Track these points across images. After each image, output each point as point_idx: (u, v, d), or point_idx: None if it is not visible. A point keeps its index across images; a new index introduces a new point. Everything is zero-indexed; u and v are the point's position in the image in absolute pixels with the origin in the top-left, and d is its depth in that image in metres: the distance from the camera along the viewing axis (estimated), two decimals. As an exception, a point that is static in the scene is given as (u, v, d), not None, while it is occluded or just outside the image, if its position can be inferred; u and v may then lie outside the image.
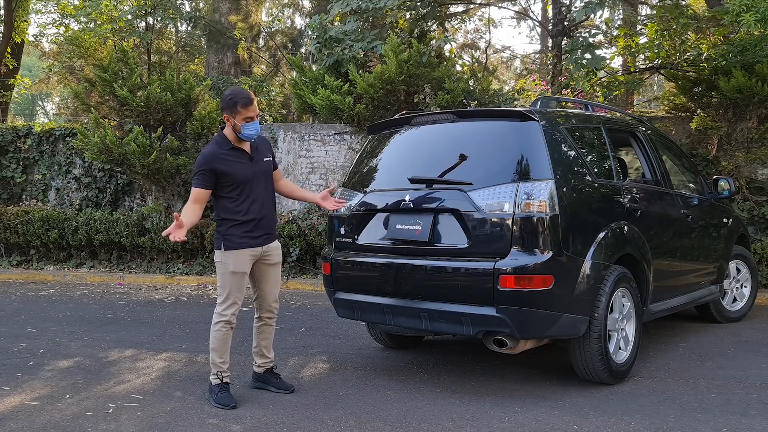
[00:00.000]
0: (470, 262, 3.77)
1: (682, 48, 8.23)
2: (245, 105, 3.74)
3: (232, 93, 3.80)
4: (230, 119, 3.77)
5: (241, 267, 3.84)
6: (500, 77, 17.97)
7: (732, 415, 3.57)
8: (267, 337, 4.12)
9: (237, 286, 3.85)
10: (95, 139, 8.58)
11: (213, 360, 3.89)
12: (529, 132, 3.91)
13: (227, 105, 3.77)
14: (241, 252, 3.84)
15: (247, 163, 3.86)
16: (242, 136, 3.80)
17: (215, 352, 3.88)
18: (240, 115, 3.74)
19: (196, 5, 15.08)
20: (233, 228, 3.83)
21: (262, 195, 3.90)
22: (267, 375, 4.16)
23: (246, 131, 3.78)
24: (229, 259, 3.83)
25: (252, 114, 3.76)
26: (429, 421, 3.54)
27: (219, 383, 3.87)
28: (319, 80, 9.05)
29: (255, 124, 3.80)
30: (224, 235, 3.85)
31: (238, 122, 3.75)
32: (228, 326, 3.86)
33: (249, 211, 3.84)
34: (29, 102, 29.86)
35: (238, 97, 3.76)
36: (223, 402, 3.79)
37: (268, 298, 4.05)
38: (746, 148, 7.53)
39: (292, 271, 8.76)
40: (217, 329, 3.86)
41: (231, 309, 3.85)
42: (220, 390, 3.85)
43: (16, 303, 7.36)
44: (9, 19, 13.43)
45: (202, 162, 3.79)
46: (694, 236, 5.16)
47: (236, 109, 3.73)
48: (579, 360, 3.99)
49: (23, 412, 3.73)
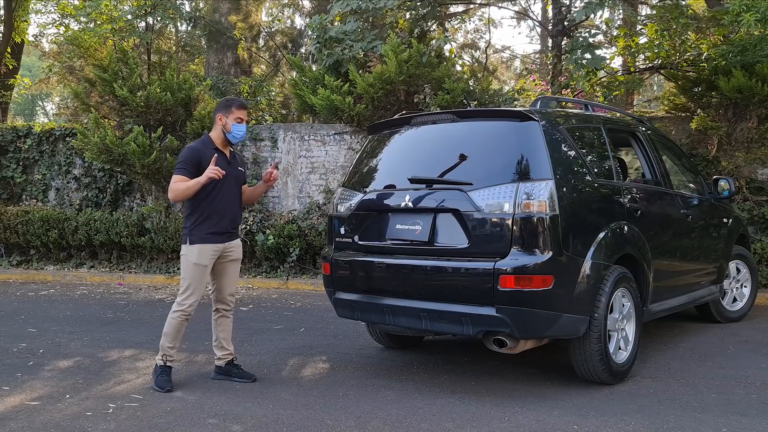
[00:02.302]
0: (470, 262, 3.77)
1: (682, 48, 8.23)
2: (239, 107, 4.15)
3: (229, 97, 4.28)
4: (222, 118, 4.11)
5: (203, 260, 4.09)
6: (500, 77, 17.96)
7: (732, 415, 3.57)
8: (225, 330, 4.35)
9: (198, 279, 4.09)
10: (95, 139, 8.58)
11: (163, 344, 4.14)
12: (529, 132, 3.91)
13: (223, 106, 4.16)
14: (205, 247, 4.08)
15: (224, 165, 4.13)
16: (230, 136, 4.13)
17: (167, 337, 4.14)
18: (233, 115, 4.11)
19: (196, 5, 15.08)
20: (200, 224, 4.09)
21: (230, 196, 4.19)
22: (228, 367, 4.36)
23: (236, 131, 4.13)
24: (194, 252, 4.07)
25: (243, 116, 4.14)
26: (429, 421, 3.54)
27: (163, 365, 4.15)
28: (319, 80, 9.05)
29: (243, 127, 4.17)
30: (190, 230, 4.10)
31: (230, 121, 4.10)
32: (184, 316, 4.12)
33: (217, 209, 4.11)
34: (29, 102, 29.85)
35: (234, 100, 4.20)
36: (161, 384, 4.08)
37: (224, 291, 4.30)
38: (746, 148, 7.53)
39: (292, 271, 8.76)
40: (174, 317, 4.12)
41: (190, 300, 4.10)
42: (162, 372, 4.13)
43: (16, 303, 7.36)
44: (9, 19, 13.43)
45: (188, 154, 4.07)
46: (694, 236, 5.16)
47: (231, 110, 4.12)
48: (579, 360, 3.99)
49: (23, 412, 3.73)
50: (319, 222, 8.78)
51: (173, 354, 4.18)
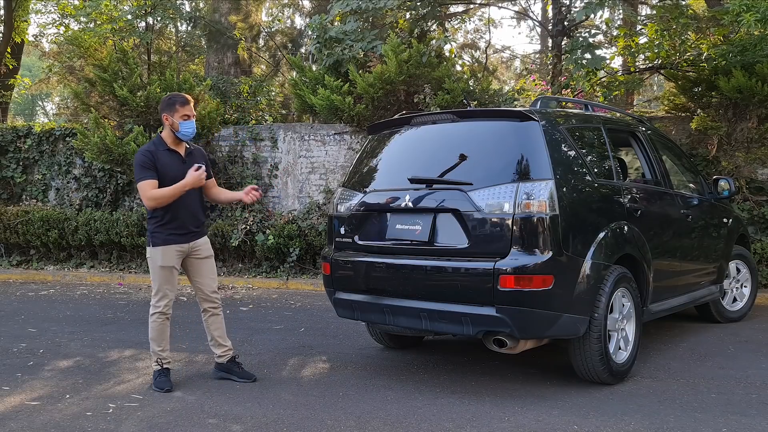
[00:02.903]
0: (470, 262, 3.77)
1: (682, 48, 8.23)
2: (183, 103, 4.10)
3: (171, 94, 4.18)
4: (168, 118, 4.09)
5: (168, 262, 4.10)
6: (500, 77, 17.96)
7: (732, 415, 3.57)
8: (218, 327, 4.35)
9: (166, 280, 4.11)
10: (95, 139, 8.58)
11: (153, 349, 4.18)
12: (529, 132, 3.91)
13: (166, 105, 4.12)
14: (168, 248, 4.10)
15: (179, 165, 4.13)
16: (180, 134, 4.11)
17: (154, 342, 4.16)
18: (178, 113, 4.08)
19: (196, 5, 15.07)
20: (161, 226, 4.09)
21: (190, 195, 4.14)
22: (229, 365, 4.35)
23: (184, 129, 4.09)
24: (157, 254, 4.09)
25: (189, 113, 4.10)
26: (429, 421, 3.54)
27: (159, 369, 4.17)
28: (319, 80, 9.05)
29: (191, 123, 4.13)
30: (152, 232, 4.12)
31: (176, 120, 4.07)
32: (163, 317, 4.14)
33: (176, 210, 4.08)
34: (29, 102, 29.85)
35: (176, 96, 4.15)
36: (160, 385, 4.10)
37: (205, 289, 4.29)
38: (746, 148, 7.53)
39: (292, 271, 8.76)
40: (153, 320, 4.14)
41: (163, 301, 4.12)
42: (160, 375, 4.15)
43: (16, 303, 7.36)
44: (9, 19, 13.43)
45: (144, 158, 4.03)
46: (694, 236, 5.16)
47: (175, 108, 4.08)
48: (579, 360, 3.99)
49: (23, 412, 3.73)
50: (319, 222, 8.78)
51: (165, 355, 4.19)
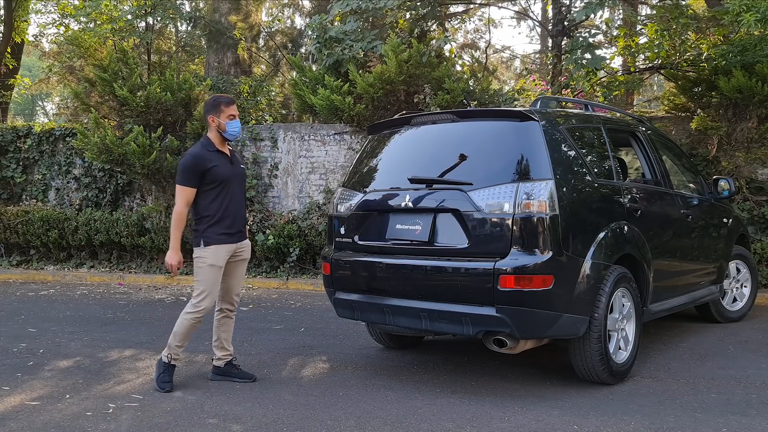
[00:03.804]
0: (470, 262, 3.77)
1: (682, 48, 8.23)
2: (228, 104, 4.13)
3: (215, 96, 4.20)
4: (215, 119, 4.12)
5: (219, 261, 4.10)
6: (500, 77, 17.96)
7: (732, 415, 3.57)
8: (228, 330, 4.35)
9: (213, 280, 4.10)
10: (95, 139, 8.58)
11: (172, 342, 4.12)
12: (529, 132, 3.91)
13: (211, 106, 4.15)
14: (220, 247, 4.09)
15: (228, 166, 4.17)
16: (227, 134, 4.14)
17: (177, 337, 4.11)
18: (224, 114, 4.11)
19: (196, 5, 15.08)
20: (213, 226, 4.09)
21: (237, 195, 4.21)
22: (228, 367, 4.36)
23: (231, 129, 4.12)
24: (209, 254, 4.07)
25: (234, 112, 4.14)
26: (429, 421, 3.54)
27: (167, 363, 4.14)
28: (319, 80, 9.05)
29: (237, 123, 4.17)
30: (203, 232, 4.10)
31: (222, 120, 4.10)
32: (198, 319, 4.10)
33: (227, 209, 4.13)
34: (29, 102, 29.85)
35: (221, 98, 4.18)
36: (161, 385, 4.09)
37: (232, 291, 4.31)
38: (746, 148, 7.53)
39: (292, 271, 8.76)
40: (187, 319, 4.09)
41: (206, 302, 4.08)
42: (165, 371, 4.12)
43: (16, 303, 7.36)
44: (9, 19, 13.44)
45: (191, 162, 4.06)
46: (694, 236, 5.16)
47: (220, 108, 4.11)
48: (579, 360, 3.99)
49: (23, 412, 3.73)
50: (319, 222, 8.78)
51: (180, 354, 4.19)
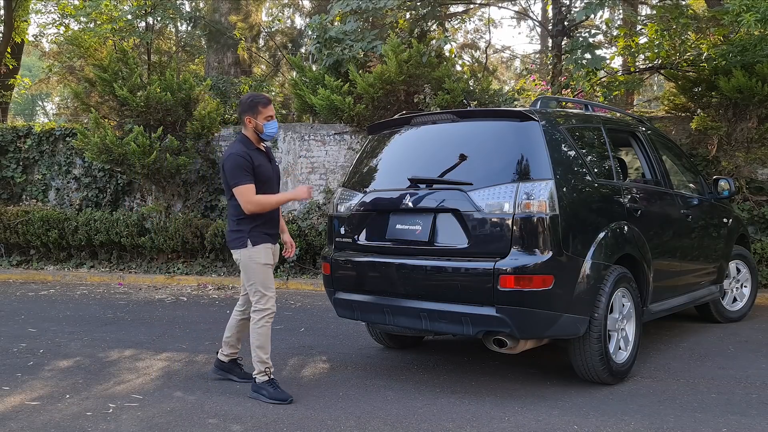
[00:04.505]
0: (470, 262, 3.77)
1: (682, 48, 8.23)
2: (265, 104, 4.01)
3: (252, 95, 4.05)
4: (252, 120, 3.99)
5: (269, 259, 4.01)
6: (500, 77, 17.96)
7: (732, 415, 3.57)
8: (243, 330, 4.27)
9: (269, 278, 3.98)
10: (95, 139, 8.58)
11: (260, 358, 3.94)
12: (529, 132, 3.91)
13: (249, 106, 4.00)
14: (267, 246, 4.01)
15: (268, 164, 4.08)
16: (264, 135, 4.03)
17: (261, 350, 3.93)
18: (261, 115, 3.98)
19: (196, 5, 15.08)
20: (257, 226, 3.98)
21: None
22: (231, 365, 4.32)
23: (267, 129, 4.01)
24: (260, 253, 3.96)
25: (271, 113, 4.03)
26: (429, 421, 3.54)
27: (268, 380, 3.94)
28: (319, 80, 9.05)
29: (275, 123, 4.06)
30: (249, 232, 3.97)
31: (260, 121, 3.99)
32: (270, 320, 3.96)
33: (271, 211, 4.02)
34: (29, 102, 29.82)
35: (258, 98, 4.03)
36: (280, 397, 3.87)
37: None
38: (746, 148, 7.53)
39: (292, 271, 8.76)
40: (261, 325, 3.93)
41: (270, 302, 3.97)
42: (272, 386, 3.93)
43: (16, 303, 7.36)
44: (9, 19, 13.43)
45: (242, 160, 3.91)
46: (694, 236, 5.16)
47: (258, 110, 3.98)
48: (579, 360, 3.99)
49: (23, 412, 3.73)
50: (319, 222, 8.78)
51: (271, 363, 3.98)
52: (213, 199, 9.48)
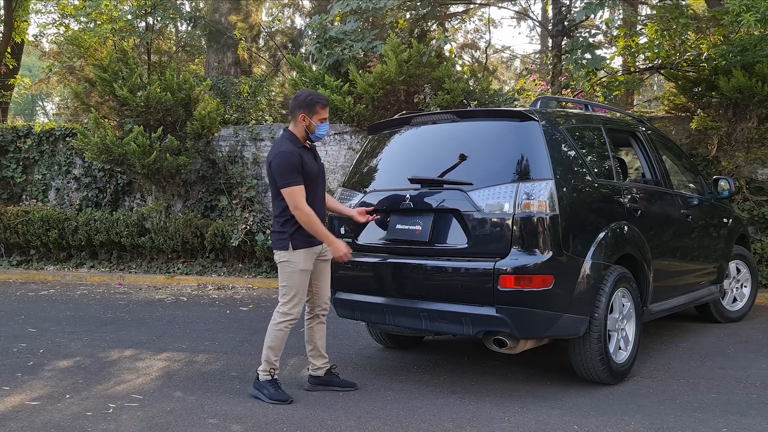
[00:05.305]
0: (470, 262, 3.77)
1: (682, 48, 8.23)
2: (324, 106, 3.89)
3: (311, 94, 3.93)
4: (306, 118, 3.86)
5: (308, 265, 3.92)
6: (500, 77, 17.96)
7: (732, 415, 3.57)
8: (322, 336, 4.16)
9: (304, 285, 3.92)
10: (95, 139, 8.58)
11: (268, 357, 3.93)
12: (529, 132, 3.91)
13: (307, 104, 3.86)
14: (309, 250, 3.91)
15: (314, 162, 3.96)
16: (314, 136, 3.92)
17: (273, 351, 3.93)
18: (317, 116, 3.87)
19: (196, 5, 15.07)
20: (300, 228, 3.84)
21: (321, 194, 4.02)
22: (329, 376, 4.15)
23: (319, 131, 3.91)
24: (299, 258, 3.87)
25: (326, 115, 3.92)
26: (429, 421, 3.54)
27: (270, 379, 3.94)
28: (319, 80, 9.05)
29: (327, 126, 3.95)
30: (291, 234, 3.86)
31: (314, 122, 3.87)
32: (290, 326, 3.93)
33: (316, 210, 3.87)
34: (29, 102, 29.83)
35: (318, 98, 3.89)
36: (280, 398, 3.86)
37: (323, 293, 4.13)
38: (746, 148, 7.53)
39: (292, 271, 8.75)
40: (280, 329, 3.91)
41: (298, 307, 3.91)
42: (273, 386, 3.92)
43: (16, 303, 7.36)
44: (9, 19, 13.43)
45: (294, 159, 3.79)
46: (694, 236, 5.16)
47: (315, 109, 3.86)
48: (579, 360, 3.99)
49: (23, 412, 3.73)
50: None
51: (277, 365, 3.99)
52: (213, 199, 9.47)
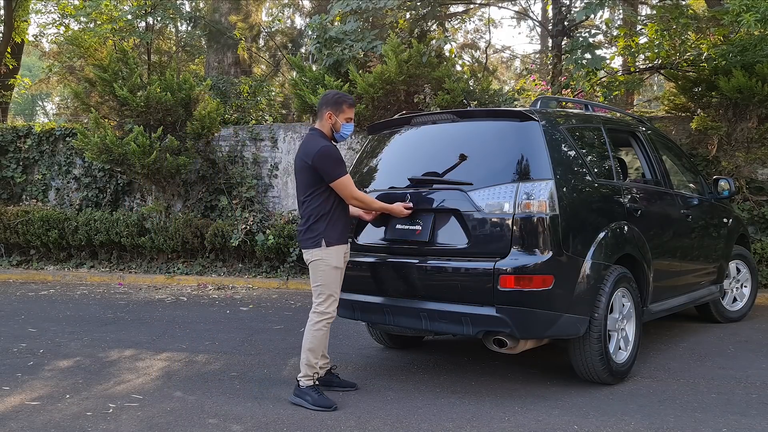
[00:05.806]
0: (470, 262, 3.77)
1: (682, 48, 8.23)
2: (350, 105, 3.93)
3: (339, 93, 3.97)
4: (332, 116, 3.89)
5: (340, 263, 3.90)
6: (500, 77, 17.96)
7: (732, 415, 3.57)
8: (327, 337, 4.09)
9: (337, 282, 3.90)
10: (95, 139, 8.58)
11: (309, 361, 3.84)
12: (529, 132, 3.91)
13: (334, 102, 3.90)
14: (340, 248, 3.90)
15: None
16: (339, 135, 3.95)
17: (313, 353, 3.84)
18: (344, 114, 3.90)
19: (196, 5, 15.08)
20: (332, 225, 3.85)
21: None
22: (329, 376, 4.12)
23: (344, 130, 3.93)
24: (332, 254, 3.84)
25: (352, 116, 3.95)
26: (429, 421, 3.54)
27: (313, 385, 3.84)
28: (319, 80, 9.04)
29: (352, 126, 3.97)
30: (324, 231, 3.83)
31: (340, 120, 3.90)
32: (328, 325, 3.88)
33: (344, 209, 3.92)
34: (29, 102, 29.82)
35: (345, 97, 3.93)
36: (324, 404, 3.74)
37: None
38: (746, 148, 7.53)
39: (292, 271, 8.76)
40: (318, 329, 3.85)
41: (334, 305, 3.89)
42: (317, 392, 3.81)
43: (16, 303, 7.36)
44: (9, 19, 13.43)
45: (333, 150, 3.80)
46: (694, 236, 5.16)
47: (342, 108, 3.90)
48: (579, 360, 3.99)
49: (23, 412, 3.73)
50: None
51: (319, 369, 3.90)
52: (213, 199, 9.48)
